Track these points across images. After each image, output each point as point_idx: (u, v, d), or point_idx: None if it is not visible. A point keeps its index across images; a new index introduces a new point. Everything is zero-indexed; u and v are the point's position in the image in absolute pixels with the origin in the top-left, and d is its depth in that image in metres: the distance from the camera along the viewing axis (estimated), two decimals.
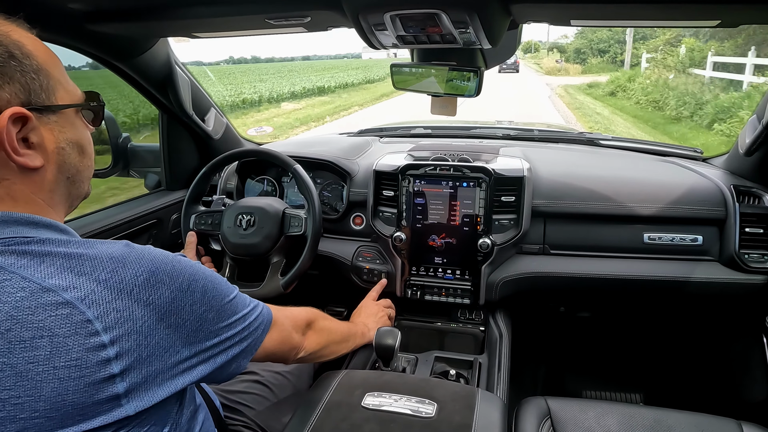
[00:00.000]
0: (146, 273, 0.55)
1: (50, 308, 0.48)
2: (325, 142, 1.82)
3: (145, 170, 1.72)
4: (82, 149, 0.63)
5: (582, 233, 1.38)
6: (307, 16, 0.99)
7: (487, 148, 1.59)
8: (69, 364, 0.48)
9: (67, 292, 0.50)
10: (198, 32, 1.18)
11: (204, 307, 0.60)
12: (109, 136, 1.56)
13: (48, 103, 0.57)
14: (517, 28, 1.02)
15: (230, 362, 0.66)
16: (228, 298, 0.66)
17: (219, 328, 0.63)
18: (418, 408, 0.89)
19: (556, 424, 1.00)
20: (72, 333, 0.49)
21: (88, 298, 0.50)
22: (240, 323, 0.67)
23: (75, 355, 0.48)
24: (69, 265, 0.52)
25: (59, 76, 0.59)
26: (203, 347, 0.61)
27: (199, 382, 0.62)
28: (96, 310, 0.50)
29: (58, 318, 0.48)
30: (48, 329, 0.48)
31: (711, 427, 0.99)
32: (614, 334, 1.84)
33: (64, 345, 0.48)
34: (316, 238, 1.33)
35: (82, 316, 0.49)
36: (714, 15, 0.84)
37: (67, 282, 0.50)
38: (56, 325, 0.48)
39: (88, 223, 1.32)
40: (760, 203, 1.30)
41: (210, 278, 0.63)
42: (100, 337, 0.50)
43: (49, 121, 0.57)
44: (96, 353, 0.49)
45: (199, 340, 0.60)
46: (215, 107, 1.69)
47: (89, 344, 0.49)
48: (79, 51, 1.20)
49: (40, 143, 0.56)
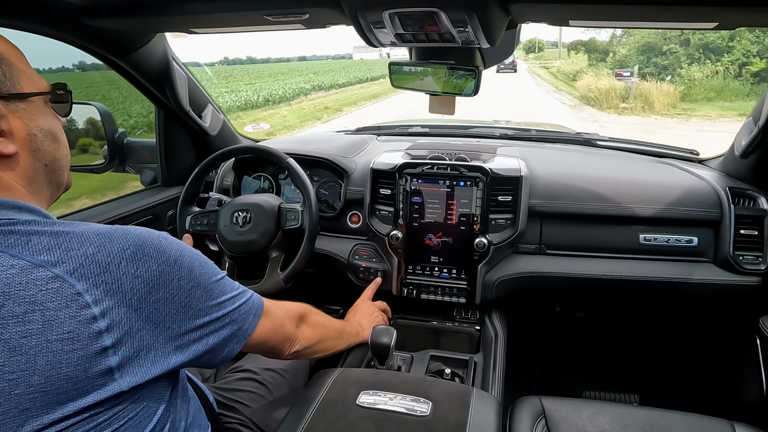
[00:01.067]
0: (133, 246, 0.56)
1: (41, 282, 0.49)
2: (322, 139, 1.81)
3: (141, 166, 1.72)
4: (55, 137, 0.64)
5: (578, 233, 1.38)
6: (306, 13, 0.99)
7: (484, 148, 1.59)
8: (62, 337, 0.49)
9: (57, 266, 0.51)
10: (195, 28, 1.17)
11: (191, 283, 0.61)
12: (105, 131, 1.56)
13: (14, 90, 0.58)
14: (516, 27, 1.02)
15: (222, 344, 0.66)
16: (216, 277, 0.66)
17: (208, 306, 0.63)
18: (413, 407, 0.89)
19: (550, 423, 1.00)
20: (63, 306, 0.49)
21: (77, 271, 0.51)
22: (230, 304, 0.68)
23: (67, 328, 0.49)
24: (56, 242, 0.52)
25: (22, 67, 0.60)
26: (194, 325, 0.61)
27: (192, 363, 0.62)
28: (85, 283, 0.51)
29: (49, 292, 0.49)
30: (40, 303, 0.49)
31: (704, 427, 0.99)
32: (609, 335, 1.85)
33: (55, 318, 0.49)
34: (314, 231, 1.33)
35: (72, 289, 0.50)
36: (712, 17, 0.84)
37: (56, 257, 0.51)
38: (47, 298, 0.49)
39: (84, 219, 1.31)
40: (755, 205, 1.30)
41: (197, 256, 0.64)
42: (90, 310, 0.50)
43: (18, 109, 0.58)
44: (87, 326, 0.50)
45: (189, 317, 0.60)
46: (212, 103, 1.68)
47: (81, 316, 0.50)
48: (76, 46, 1.19)
49: (10, 130, 0.57)
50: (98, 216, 1.35)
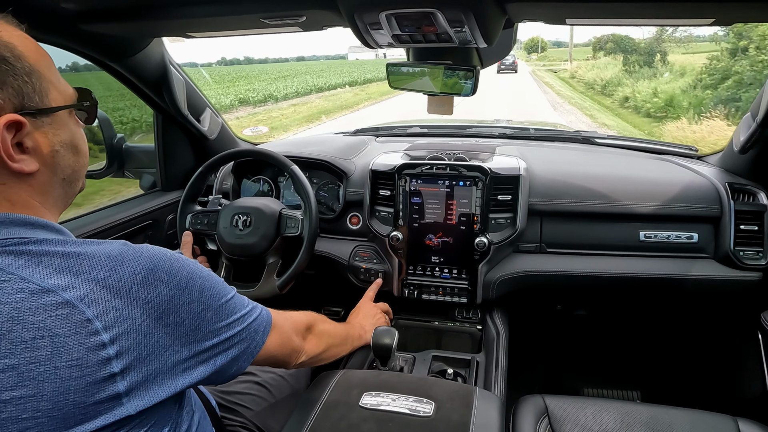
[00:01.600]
0: (144, 271, 0.55)
1: (50, 308, 0.49)
2: (321, 141, 1.81)
3: (140, 171, 1.71)
4: (76, 149, 0.62)
5: (578, 231, 1.38)
6: (303, 15, 0.99)
7: (483, 147, 1.59)
8: (70, 364, 0.48)
9: (67, 291, 0.50)
10: (192, 32, 1.17)
11: (201, 306, 0.60)
12: (103, 136, 1.56)
13: (42, 106, 0.56)
14: (513, 26, 1.03)
15: (230, 364, 0.66)
16: (225, 297, 0.65)
17: (218, 328, 0.63)
18: (415, 407, 0.89)
19: (553, 421, 1.00)
20: (72, 333, 0.49)
21: (87, 297, 0.50)
22: (239, 324, 0.67)
23: (76, 355, 0.49)
24: (67, 265, 0.51)
25: (51, 76, 0.58)
26: (203, 347, 0.60)
27: (199, 383, 0.62)
28: (95, 309, 0.50)
29: (58, 318, 0.48)
30: (49, 329, 0.48)
31: (707, 423, 0.99)
32: (611, 332, 1.84)
33: (64, 345, 0.48)
34: (313, 239, 1.33)
35: (81, 316, 0.49)
36: (708, 13, 0.84)
37: (66, 282, 0.50)
38: (57, 325, 0.48)
39: (83, 224, 1.31)
40: (754, 200, 1.30)
41: (207, 277, 0.63)
42: (100, 336, 0.50)
43: (43, 125, 0.56)
44: (96, 352, 0.49)
45: (198, 339, 0.60)
46: (210, 107, 1.68)
47: (89, 343, 0.49)
48: (72, 51, 1.19)
49: (35, 147, 0.55)
50: (99, 221, 1.35)
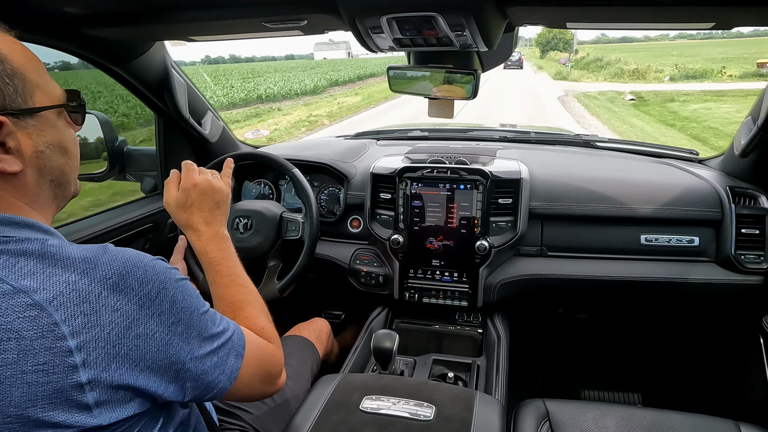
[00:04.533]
0: (116, 276, 0.54)
1: (19, 309, 0.48)
2: (321, 145, 1.82)
3: (141, 174, 1.72)
4: (65, 150, 0.62)
5: (579, 235, 1.38)
6: (304, 19, 0.99)
7: (484, 151, 1.59)
8: (36, 369, 0.48)
9: (38, 293, 0.49)
10: (194, 36, 1.17)
11: (172, 318, 0.58)
12: (105, 139, 1.56)
13: (24, 106, 0.56)
14: (513, 30, 1.03)
15: (204, 389, 0.62)
16: (198, 311, 0.62)
17: (187, 344, 0.59)
18: (416, 411, 0.89)
19: (554, 425, 1.00)
20: (39, 336, 0.48)
21: (56, 300, 0.50)
22: (209, 342, 0.63)
23: (42, 359, 0.48)
24: (42, 266, 0.51)
25: (37, 79, 0.58)
26: (173, 363, 0.58)
27: (173, 400, 0.60)
28: (63, 313, 0.50)
29: (26, 320, 0.48)
30: (16, 331, 0.48)
31: (708, 427, 0.99)
32: (612, 336, 1.84)
33: (31, 348, 0.48)
34: (314, 243, 1.33)
35: (49, 319, 0.49)
36: (709, 17, 0.84)
37: (38, 283, 0.50)
38: (24, 327, 0.48)
39: (84, 227, 1.31)
40: (755, 204, 1.30)
41: (181, 288, 0.60)
42: (66, 342, 0.49)
43: (27, 125, 0.56)
44: (63, 358, 0.49)
45: (168, 355, 0.57)
46: (212, 110, 1.68)
47: (56, 348, 0.49)
48: (75, 55, 1.19)
49: (18, 148, 0.55)
50: (100, 224, 1.35)
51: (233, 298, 0.82)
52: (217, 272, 0.85)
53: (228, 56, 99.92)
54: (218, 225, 0.90)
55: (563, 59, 33.41)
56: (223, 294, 0.83)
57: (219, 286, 0.84)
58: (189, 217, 0.89)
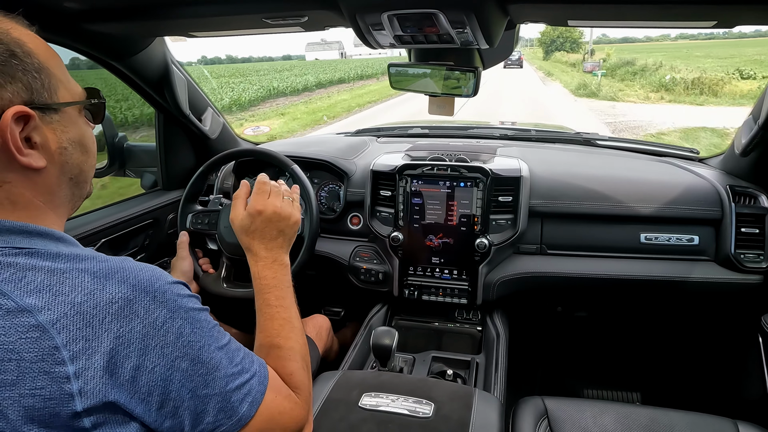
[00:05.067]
0: (122, 300, 0.52)
1: (22, 330, 0.47)
2: (322, 142, 1.82)
3: (141, 170, 1.72)
4: (85, 148, 0.61)
5: (579, 233, 1.38)
6: (305, 15, 0.99)
7: (484, 149, 1.59)
8: (33, 393, 0.47)
9: (42, 313, 0.48)
10: (195, 31, 1.17)
11: (177, 352, 0.55)
12: (105, 135, 1.56)
13: (50, 101, 0.56)
14: (515, 28, 1.03)
15: (206, 429, 0.59)
16: (208, 348, 0.58)
17: (191, 381, 0.56)
18: (415, 408, 0.89)
19: (553, 423, 1.00)
20: (39, 359, 0.47)
21: (59, 322, 0.48)
22: (217, 384, 0.58)
23: (40, 384, 0.47)
24: (50, 282, 0.50)
25: (60, 75, 0.58)
26: (173, 402, 0.55)
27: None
28: (65, 336, 0.48)
29: (27, 341, 0.47)
30: (17, 352, 0.47)
31: (707, 426, 0.99)
32: (611, 334, 1.84)
33: (30, 371, 0.47)
34: (314, 239, 1.33)
35: (50, 342, 0.48)
36: (711, 16, 0.84)
37: (44, 302, 0.49)
38: (25, 348, 0.47)
39: (84, 223, 1.31)
40: (755, 203, 1.30)
41: (191, 320, 0.57)
42: (65, 367, 0.48)
43: (52, 121, 0.56)
44: (60, 385, 0.48)
45: (168, 391, 0.54)
46: (212, 107, 1.68)
47: (54, 373, 0.47)
48: (75, 50, 1.19)
49: (43, 143, 0.55)
50: (99, 220, 1.35)
51: (274, 332, 0.79)
52: (265, 300, 0.82)
53: (225, 56, 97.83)
54: (279, 252, 0.89)
55: (590, 64, 22.96)
56: (266, 325, 0.80)
57: (264, 316, 0.81)
58: (250, 241, 0.88)
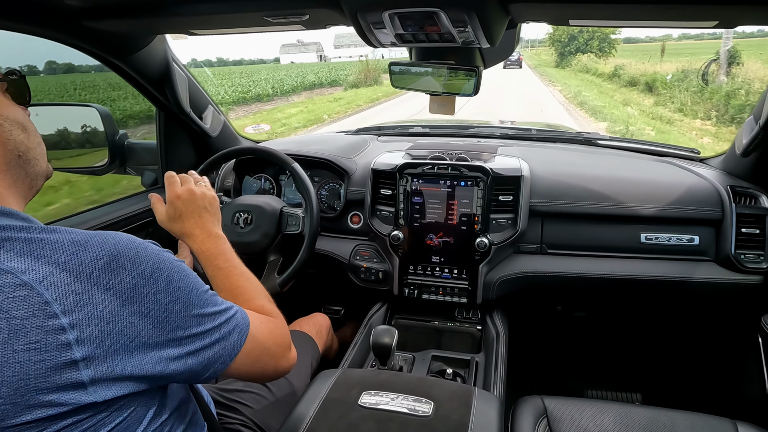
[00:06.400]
0: (107, 257, 0.53)
1: (8, 289, 0.48)
2: (323, 140, 1.82)
3: (141, 167, 1.72)
4: (22, 126, 0.62)
5: (579, 233, 1.38)
6: (306, 14, 0.99)
7: (485, 148, 1.59)
8: (28, 347, 0.47)
9: (26, 274, 0.49)
10: (195, 29, 1.17)
11: (169, 296, 0.58)
12: (105, 132, 1.56)
13: None
14: (516, 27, 1.03)
15: (203, 365, 0.62)
16: (196, 291, 0.62)
17: (186, 323, 0.59)
18: (415, 407, 0.89)
19: (552, 423, 1.00)
20: (30, 315, 0.48)
21: (46, 280, 0.49)
22: (210, 319, 0.63)
23: (34, 338, 0.48)
24: (28, 249, 0.51)
25: None
26: (171, 342, 0.58)
27: (171, 380, 0.61)
28: (54, 292, 0.49)
29: (15, 300, 0.48)
30: (5, 311, 0.47)
31: (706, 426, 0.99)
32: (611, 334, 1.84)
33: (21, 327, 0.48)
34: (314, 238, 1.33)
35: (39, 298, 0.49)
36: (712, 16, 0.84)
37: (26, 265, 0.50)
38: (13, 306, 0.48)
39: (85, 221, 1.32)
40: (756, 204, 1.30)
41: (177, 268, 0.61)
42: (59, 320, 0.49)
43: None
44: (55, 336, 0.49)
45: (165, 332, 0.57)
46: (213, 105, 1.68)
47: (48, 327, 0.48)
48: (76, 47, 1.19)
49: None
50: (100, 217, 1.35)
51: (232, 285, 0.84)
52: (215, 266, 0.87)
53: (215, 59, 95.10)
54: (210, 226, 0.93)
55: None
56: (223, 284, 0.85)
57: (218, 278, 0.86)
58: (181, 225, 0.92)
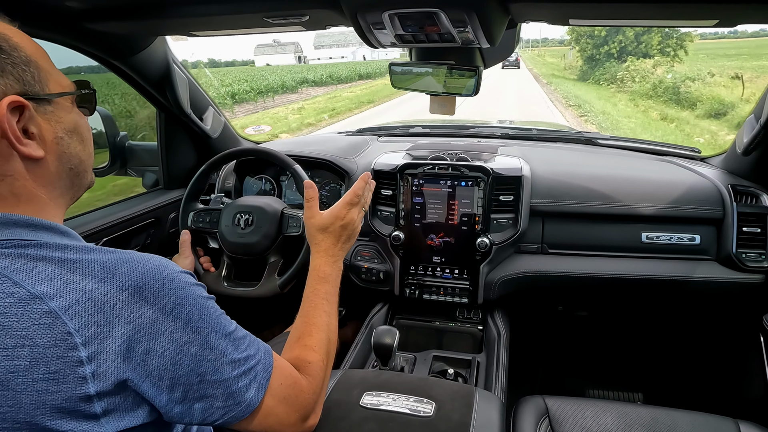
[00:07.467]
0: (132, 287, 0.53)
1: (35, 317, 0.48)
2: (323, 141, 1.82)
3: (142, 169, 1.72)
4: (81, 137, 0.63)
5: (580, 232, 1.38)
6: (306, 14, 0.99)
7: (485, 148, 1.59)
8: (47, 377, 0.48)
9: (54, 300, 0.49)
10: (196, 31, 1.17)
11: (186, 337, 0.56)
12: (106, 134, 1.56)
13: (42, 93, 0.57)
14: (516, 27, 1.02)
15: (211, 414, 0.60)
16: (216, 334, 0.59)
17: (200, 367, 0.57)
18: (416, 407, 0.89)
19: (554, 422, 1.00)
20: (52, 344, 0.48)
21: (71, 309, 0.50)
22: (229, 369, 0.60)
23: (53, 368, 0.48)
24: (60, 272, 0.51)
25: (48, 67, 0.59)
26: (181, 385, 0.56)
27: (176, 422, 0.59)
28: (78, 323, 0.49)
29: (40, 327, 0.48)
30: (30, 338, 0.48)
31: (708, 425, 0.99)
32: (612, 333, 1.84)
33: (43, 356, 0.48)
34: None
35: (63, 328, 0.49)
36: (712, 15, 0.84)
37: (55, 289, 0.50)
38: (38, 334, 0.48)
39: (86, 222, 1.32)
40: (757, 202, 1.30)
41: (200, 306, 0.59)
42: (78, 352, 0.49)
43: (46, 111, 0.57)
44: (73, 369, 0.49)
45: (177, 376, 0.55)
46: (213, 106, 1.68)
47: (67, 358, 0.49)
48: (77, 49, 1.19)
49: (40, 134, 0.56)
50: (101, 219, 1.35)
51: (312, 320, 0.84)
52: (315, 290, 0.88)
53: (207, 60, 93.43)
54: (341, 254, 0.96)
55: None
56: (307, 311, 0.85)
57: (308, 303, 0.86)
58: (323, 238, 0.95)
